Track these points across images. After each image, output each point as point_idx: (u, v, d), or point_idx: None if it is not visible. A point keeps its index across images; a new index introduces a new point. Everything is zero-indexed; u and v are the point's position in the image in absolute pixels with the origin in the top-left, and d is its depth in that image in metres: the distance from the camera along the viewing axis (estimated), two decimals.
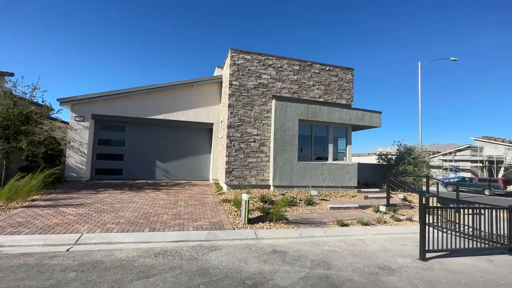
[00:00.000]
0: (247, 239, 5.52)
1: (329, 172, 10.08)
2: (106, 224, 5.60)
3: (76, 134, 9.95)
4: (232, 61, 9.54)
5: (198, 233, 5.51)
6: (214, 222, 6.27)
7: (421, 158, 12.19)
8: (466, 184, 23.59)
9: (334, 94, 10.84)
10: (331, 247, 5.28)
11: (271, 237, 5.74)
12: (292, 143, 9.66)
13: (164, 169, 11.39)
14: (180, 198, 8.36)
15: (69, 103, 9.82)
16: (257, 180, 9.53)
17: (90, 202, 7.20)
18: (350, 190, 10.33)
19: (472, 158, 29.35)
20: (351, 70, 11.15)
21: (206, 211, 7.11)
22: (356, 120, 10.61)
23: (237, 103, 9.49)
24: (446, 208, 5.92)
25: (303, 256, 4.66)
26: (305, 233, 6.12)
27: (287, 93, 10.15)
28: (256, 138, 9.62)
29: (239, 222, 6.43)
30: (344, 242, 5.63)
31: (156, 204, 7.45)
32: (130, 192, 8.68)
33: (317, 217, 7.42)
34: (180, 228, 5.70)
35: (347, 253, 4.93)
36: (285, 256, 4.61)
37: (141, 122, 10.93)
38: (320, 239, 5.81)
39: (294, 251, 4.92)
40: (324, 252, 4.92)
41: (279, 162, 9.45)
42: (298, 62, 10.35)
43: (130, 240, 4.96)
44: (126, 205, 7.16)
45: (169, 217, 6.41)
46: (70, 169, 9.81)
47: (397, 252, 5.15)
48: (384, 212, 8.02)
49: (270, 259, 4.43)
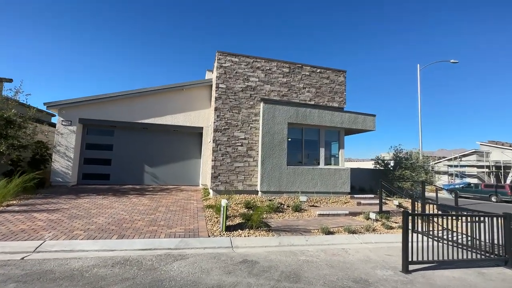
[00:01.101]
0: (221, 247, 5.20)
1: (320, 177, 9.71)
2: (74, 231, 5.36)
3: (62, 138, 9.85)
4: (219, 63, 9.37)
5: (168, 241, 5.22)
6: (190, 229, 5.97)
7: (419, 162, 11.70)
8: (471, 190, 22.76)
9: (326, 97, 10.54)
10: (309, 257, 4.92)
11: (247, 246, 5.41)
12: (281, 147, 9.35)
13: (153, 174, 11.18)
14: (163, 203, 8.10)
15: (57, 107, 9.77)
16: (244, 186, 9.22)
17: (67, 207, 6.99)
18: (342, 196, 9.92)
19: (479, 163, 28.43)
20: (343, 73, 10.86)
21: (185, 218, 6.82)
22: (348, 123, 10.26)
23: (224, 106, 9.27)
24: (433, 216, 5.48)
25: (274, 267, 4.32)
26: (285, 241, 5.77)
27: (276, 95, 9.90)
28: (243, 142, 9.35)
29: (217, 229, 6.12)
30: (324, 252, 5.26)
31: (135, 210, 7.20)
32: (113, 197, 8.47)
33: (303, 224, 7.06)
34: (152, 236, 5.42)
35: (324, 264, 4.57)
36: (254, 266, 4.28)
37: (130, 126, 10.80)
38: (299, 248, 5.46)
39: (266, 261, 4.58)
40: (298, 263, 4.57)
41: (267, 167, 9.15)
42: (288, 64, 10.12)
43: (94, 248, 4.70)
44: (104, 210, 6.93)
45: (144, 223, 6.14)
46: (55, 174, 9.67)
47: (379, 263, 4.76)
48: (374, 220, 7.60)
49: (236, 270, 4.10)
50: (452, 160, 30.45)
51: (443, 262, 4.71)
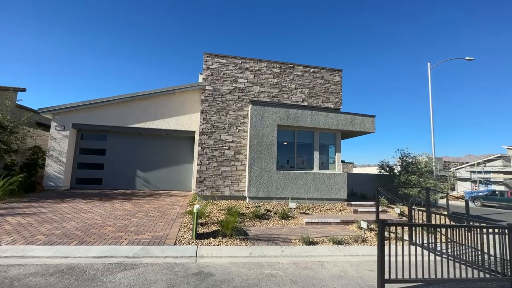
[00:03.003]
0: (183, 257, 4.80)
1: (313, 183, 9.10)
2: (37, 236, 5.21)
3: (56, 143, 10.00)
4: (206, 65, 9.17)
5: (128, 248, 4.91)
6: (158, 236, 5.64)
7: (427, 167, 10.70)
8: (497, 198, 20.82)
9: (320, 98, 9.99)
10: (275, 270, 4.40)
11: (213, 256, 4.98)
12: (270, 151, 8.89)
13: (145, 179, 11.07)
14: (144, 209, 7.86)
15: (50, 112, 9.96)
16: (231, 191, 8.81)
17: (45, 211, 6.93)
18: (338, 203, 9.22)
19: (505, 169, 26.10)
20: (339, 72, 10.28)
21: (159, 224, 6.51)
22: (344, 125, 9.62)
23: (211, 108, 9.01)
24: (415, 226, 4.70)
25: (227, 281, 3.85)
26: (257, 252, 5.27)
27: (266, 97, 9.50)
28: (231, 145, 8.99)
29: (188, 236, 5.75)
30: (296, 265, 4.71)
31: (112, 215, 7.00)
32: (97, 202, 8.36)
33: (285, 233, 6.52)
34: (114, 242, 5.14)
35: (288, 280, 4.04)
36: (205, 280, 3.84)
37: (122, 131, 10.81)
38: (270, 259, 4.94)
39: (224, 274, 4.12)
40: (259, 277, 4.07)
41: (255, 171, 8.69)
42: (279, 64, 9.72)
43: (47, 254, 4.47)
44: (79, 215, 6.79)
45: (113, 229, 5.90)
46: (48, 178, 9.80)
47: (354, 281, 4.14)
48: (366, 229, 6.88)
49: (183, 283, 3.69)
50: (475, 165, 28.23)
51: (431, 282, 4.00)
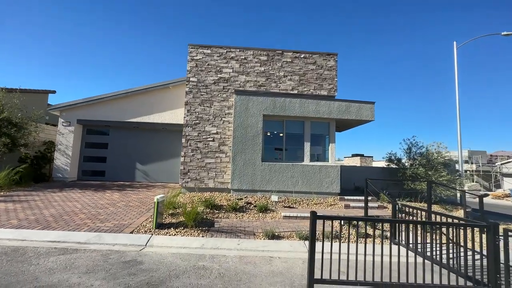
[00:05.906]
0: (132, 245, 4.80)
1: (301, 175, 8.56)
2: (11, 220, 5.61)
3: (63, 138, 10.83)
4: (190, 57, 9.10)
5: (84, 235, 5.04)
6: (121, 225, 5.73)
7: (439, 159, 9.38)
8: None
9: (312, 85, 9.32)
10: (212, 263, 4.15)
11: (163, 245, 4.89)
12: (255, 142, 8.55)
13: (144, 172, 11.47)
14: (129, 199, 8.11)
15: (58, 109, 10.79)
16: (216, 183, 8.69)
17: (37, 199, 7.50)
18: (330, 197, 8.56)
19: None
20: (333, 56, 9.47)
21: (131, 213, 6.64)
22: (338, 113, 8.85)
23: (195, 100, 8.94)
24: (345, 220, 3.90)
25: (151, 270, 3.72)
26: (211, 243, 5.06)
27: (253, 86, 9.15)
28: (215, 137, 8.85)
29: (150, 226, 5.76)
30: (240, 259, 4.40)
31: (94, 203, 7.33)
32: (91, 192, 8.84)
33: (255, 226, 6.21)
34: (74, 229, 5.33)
35: (216, 274, 3.77)
36: (128, 268, 3.75)
37: (122, 125, 11.31)
38: (218, 251, 4.70)
39: (155, 263, 4.00)
40: (187, 269, 3.86)
41: (238, 163, 8.44)
42: (266, 52, 9.27)
43: (8, 237, 4.76)
44: (64, 203, 7.22)
45: (84, 216, 6.15)
46: (57, 170, 10.66)
47: (290, 279, 3.73)
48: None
49: (101, 270, 3.63)
50: None
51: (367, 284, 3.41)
